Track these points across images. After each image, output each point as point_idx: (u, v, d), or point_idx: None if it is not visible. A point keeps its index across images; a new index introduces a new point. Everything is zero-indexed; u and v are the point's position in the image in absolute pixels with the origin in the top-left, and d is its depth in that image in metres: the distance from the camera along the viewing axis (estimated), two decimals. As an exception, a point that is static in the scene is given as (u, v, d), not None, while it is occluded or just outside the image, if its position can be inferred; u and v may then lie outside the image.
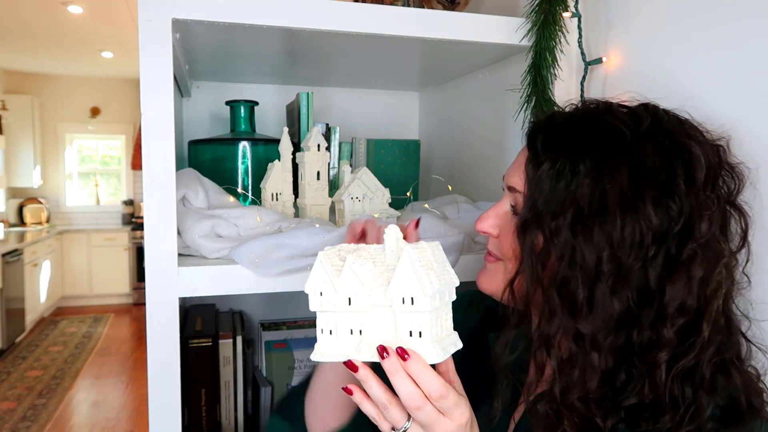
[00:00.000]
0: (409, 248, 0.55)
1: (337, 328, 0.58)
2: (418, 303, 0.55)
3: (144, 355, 1.12)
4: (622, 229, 0.58)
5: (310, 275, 0.59)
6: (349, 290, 0.57)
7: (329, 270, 0.58)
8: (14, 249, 4.88)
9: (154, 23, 0.78)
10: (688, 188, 0.59)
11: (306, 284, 0.59)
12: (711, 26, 0.76)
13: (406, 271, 0.55)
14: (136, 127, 6.89)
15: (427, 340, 0.55)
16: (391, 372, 0.55)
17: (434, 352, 0.55)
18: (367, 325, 0.58)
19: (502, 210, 0.72)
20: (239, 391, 1.20)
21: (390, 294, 0.56)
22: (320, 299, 0.58)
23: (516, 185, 0.69)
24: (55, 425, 3.49)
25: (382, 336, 0.57)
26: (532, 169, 0.64)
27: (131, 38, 4.85)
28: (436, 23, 0.92)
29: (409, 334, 0.56)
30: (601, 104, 0.68)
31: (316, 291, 0.59)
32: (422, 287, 0.54)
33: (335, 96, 1.51)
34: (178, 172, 0.90)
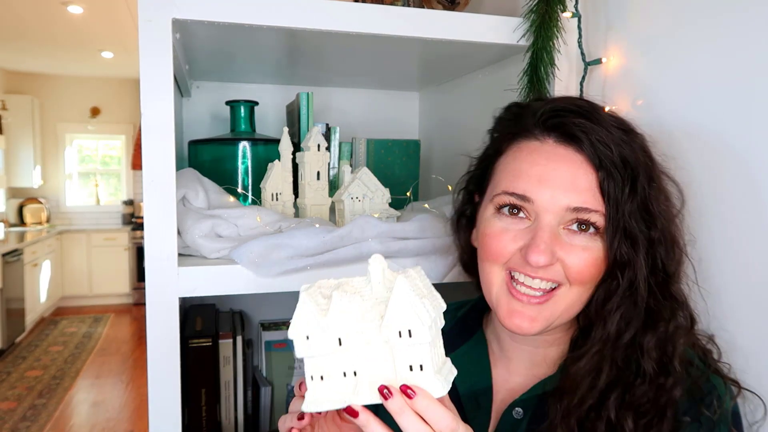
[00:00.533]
0: (401, 278, 0.52)
1: (329, 372, 0.54)
2: (417, 335, 0.51)
3: (144, 355, 1.12)
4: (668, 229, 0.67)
5: (293, 319, 0.54)
6: (338, 330, 0.53)
7: (314, 310, 0.54)
8: (14, 249, 4.88)
9: (154, 23, 0.78)
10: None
11: (289, 330, 0.55)
12: (711, 27, 0.76)
13: (401, 302, 0.51)
14: (136, 127, 6.89)
15: (429, 373, 0.52)
16: (396, 412, 0.52)
17: (439, 384, 0.52)
18: (361, 365, 0.53)
19: (552, 235, 0.66)
20: (239, 391, 1.20)
21: (385, 329, 0.52)
22: (307, 343, 0.54)
23: (586, 205, 0.65)
24: (55, 425, 3.49)
25: (379, 374, 0.53)
26: (612, 187, 0.64)
27: (131, 38, 4.85)
28: (436, 23, 0.92)
29: (410, 368, 0.52)
30: (589, 101, 0.71)
31: (302, 335, 0.54)
32: (420, 318, 0.51)
33: (335, 96, 1.50)
34: (178, 172, 0.90)
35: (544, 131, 0.68)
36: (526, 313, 0.66)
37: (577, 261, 0.65)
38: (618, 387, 0.63)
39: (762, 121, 0.69)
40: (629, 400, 0.62)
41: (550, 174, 0.65)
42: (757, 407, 0.68)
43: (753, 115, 0.70)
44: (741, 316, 0.72)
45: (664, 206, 0.67)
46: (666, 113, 0.83)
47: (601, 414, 0.63)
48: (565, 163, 0.65)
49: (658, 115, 0.85)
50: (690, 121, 0.79)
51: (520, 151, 0.69)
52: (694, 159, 0.78)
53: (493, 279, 0.69)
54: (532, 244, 0.64)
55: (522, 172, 0.67)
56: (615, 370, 0.64)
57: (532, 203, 0.66)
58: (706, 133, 0.77)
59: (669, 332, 0.64)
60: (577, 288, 0.66)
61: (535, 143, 0.68)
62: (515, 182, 0.67)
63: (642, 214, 0.65)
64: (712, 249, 0.76)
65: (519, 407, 0.72)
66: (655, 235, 0.65)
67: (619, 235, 0.64)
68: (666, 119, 0.83)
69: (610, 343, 0.65)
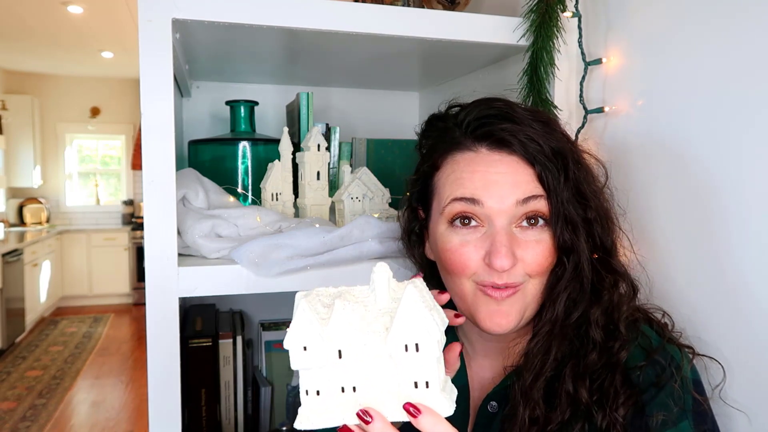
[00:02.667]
0: (411, 288, 0.49)
1: (326, 386, 0.51)
2: (425, 349, 0.48)
3: (144, 355, 1.12)
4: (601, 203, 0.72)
5: (290, 328, 0.51)
6: (339, 341, 0.50)
7: (314, 319, 0.50)
8: (14, 249, 4.89)
9: (154, 23, 0.78)
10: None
11: (286, 339, 0.51)
12: (712, 27, 0.76)
13: (410, 313, 0.48)
14: (136, 127, 6.89)
15: (435, 390, 0.49)
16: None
17: (446, 403, 0.50)
18: (362, 380, 0.50)
19: (509, 236, 0.68)
20: (239, 391, 1.20)
21: (392, 341, 0.49)
22: (304, 354, 0.50)
23: (534, 192, 0.68)
24: (55, 425, 3.49)
25: (381, 391, 0.50)
26: (550, 179, 0.67)
27: (131, 38, 4.85)
28: (436, 23, 0.92)
29: (415, 385, 0.49)
30: (503, 99, 0.75)
31: (299, 345, 0.50)
32: (429, 331, 0.48)
33: (335, 96, 1.51)
34: (178, 172, 0.90)
35: (475, 141, 0.71)
36: (503, 309, 0.69)
37: (533, 255, 0.68)
38: (572, 358, 0.67)
39: (762, 121, 0.69)
40: (582, 369, 0.66)
41: (492, 177, 0.68)
42: (717, 370, 0.72)
43: (753, 114, 0.70)
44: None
45: (593, 185, 0.72)
46: (666, 113, 0.83)
47: (559, 387, 0.66)
48: (503, 166, 0.69)
49: (658, 114, 0.85)
50: (689, 120, 0.79)
51: (457, 163, 0.72)
52: (695, 159, 0.78)
53: (465, 289, 0.71)
54: (494, 250, 0.66)
55: (465, 179, 0.70)
56: (567, 344, 0.68)
57: (482, 206, 0.68)
58: (706, 133, 0.77)
59: (613, 301, 0.68)
60: (538, 279, 0.70)
61: (470, 154, 0.71)
62: (461, 188, 0.69)
63: (577, 198, 0.69)
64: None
65: (493, 401, 0.74)
66: (591, 215, 0.69)
67: (561, 223, 0.68)
68: (666, 119, 0.83)
69: (559, 323, 0.69)
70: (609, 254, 0.71)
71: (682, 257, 0.81)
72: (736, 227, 0.73)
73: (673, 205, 0.82)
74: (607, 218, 0.72)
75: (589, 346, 0.67)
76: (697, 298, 0.78)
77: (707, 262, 0.77)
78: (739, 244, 0.72)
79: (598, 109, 0.94)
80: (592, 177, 0.73)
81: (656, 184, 0.85)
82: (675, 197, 0.82)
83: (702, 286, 0.78)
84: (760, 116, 0.69)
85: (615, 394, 0.64)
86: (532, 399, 0.66)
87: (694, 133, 0.79)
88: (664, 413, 0.62)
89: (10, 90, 6.27)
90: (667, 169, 0.83)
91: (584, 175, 0.71)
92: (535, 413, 0.66)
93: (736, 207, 0.73)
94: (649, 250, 0.85)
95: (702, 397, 0.64)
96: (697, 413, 0.63)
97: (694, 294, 0.79)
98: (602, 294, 0.68)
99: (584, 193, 0.69)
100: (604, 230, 0.70)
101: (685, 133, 0.80)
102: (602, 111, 0.93)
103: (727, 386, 0.72)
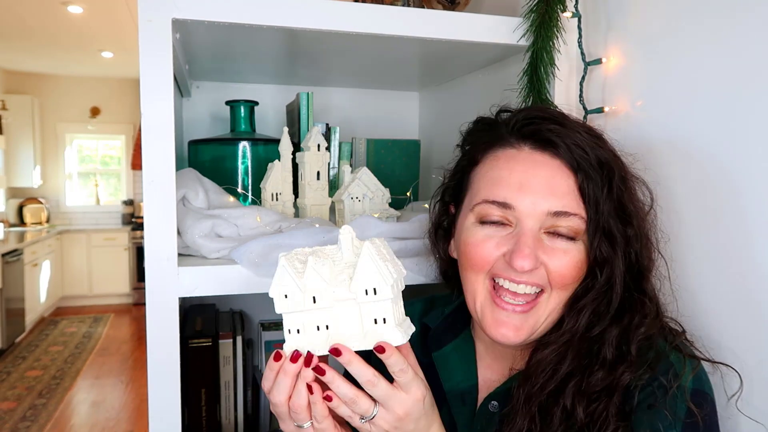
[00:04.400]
0: (368, 243, 0.60)
1: (304, 326, 0.62)
2: (381, 292, 0.60)
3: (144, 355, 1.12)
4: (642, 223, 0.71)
5: (273, 280, 0.62)
6: (313, 289, 0.61)
7: (292, 273, 0.61)
8: (14, 249, 4.88)
9: (154, 23, 0.78)
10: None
11: (270, 289, 0.63)
12: (712, 27, 0.76)
13: (367, 264, 0.59)
14: (136, 127, 6.89)
15: (391, 325, 0.61)
16: (346, 363, 0.61)
17: (399, 334, 0.61)
18: (332, 320, 0.62)
19: (535, 239, 0.67)
20: (239, 391, 1.20)
21: (354, 287, 0.60)
22: (285, 301, 0.62)
23: (566, 209, 0.66)
24: (55, 425, 3.49)
25: (348, 327, 0.61)
26: (592, 188, 0.66)
27: (131, 38, 4.85)
28: (436, 23, 0.92)
29: (374, 321, 0.61)
30: (558, 110, 0.74)
31: (281, 294, 0.62)
32: (383, 278, 0.59)
33: (335, 96, 1.50)
34: (178, 172, 0.90)
35: (520, 139, 0.70)
36: (512, 322, 0.68)
37: (558, 264, 0.66)
38: (577, 375, 0.66)
39: (762, 121, 0.69)
40: (585, 387, 0.64)
41: (529, 180, 0.67)
42: (733, 380, 0.70)
43: (753, 115, 0.70)
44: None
45: (638, 204, 0.70)
46: (666, 113, 0.83)
47: (559, 401, 0.65)
48: (543, 169, 0.67)
49: (658, 114, 0.85)
50: (689, 120, 0.79)
51: (497, 159, 0.70)
52: (694, 159, 0.78)
53: (478, 289, 0.70)
54: (517, 249, 0.65)
55: (501, 180, 0.68)
56: (577, 359, 0.66)
57: (513, 210, 0.67)
58: (705, 133, 0.77)
59: (633, 323, 0.66)
60: (559, 292, 0.68)
61: (512, 151, 0.70)
62: (495, 190, 0.68)
63: (619, 213, 0.67)
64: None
65: (494, 400, 0.74)
66: (631, 232, 0.67)
67: (599, 235, 0.66)
68: (665, 119, 0.83)
69: (578, 336, 0.67)
70: (642, 275, 0.69)
71: (688, 259, 0.80)
72: (747, 227, 0.72)
73: (672, 204, 0.82)
74: (647, 239, 0.70)
75: (596, 364, 0.65)
76: (713, 304, 0.76)
77: (720, 267, 0.75)
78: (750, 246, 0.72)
79: (598, 109, 0.94)
80: (636, 196, 0.71)
81: (655, 183, 0.85)
82: (675, 197, 0.82)
83: (716, 291, 0.75)
84: (761, 116, 0.69)
85: (605, 421, 0.63)
86: (530, 409, 0.65)
87: (693, 133, 0.79)
88: (650, 430, 0.61)
89: (10, 90, 6.27)
90: (667, 169, 0.83)
91: (629, 192, 0.69)
92: (531, 425, 0.65)
93: (742, 207, 0.73)
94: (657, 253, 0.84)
95: (699, 409, 0.61)
96: (687, 424, 0.61)
97: (709, 300, 0.76)
98: (625, 314, 0.67)
99: (627, 209, 0.68)
100: (642, 250, 0.68)
101: (685, 133, 0.80)
102: (602, 111, 0.93)
103: (745, 396, 0.69)
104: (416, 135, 1.59)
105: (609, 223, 0.66)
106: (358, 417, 0.62)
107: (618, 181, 0.67)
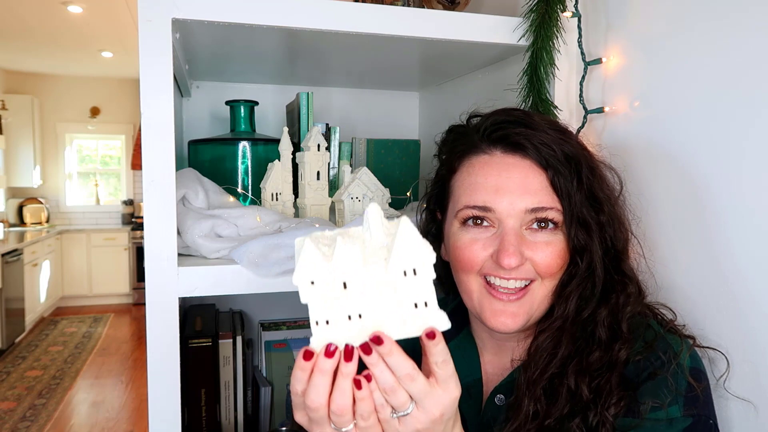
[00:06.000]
0: (405, 218, 0.54)
1: (333, 316, 0.54)
2: (423, 272, 0.54)
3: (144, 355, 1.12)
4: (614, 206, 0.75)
5: (297, 265, 0.54)
6: (343, 273, 0.54)
7: (319, 255, 0.54)
8: (14, 249, 4.88)
9: (154, 23, 0.78)
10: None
11: (294, 275, 0.54)
12: (712, 27, 0.76)
13: (408, 241, 0.53)
14: (136, 127, 6.89)
15: (434, 307, 0.54)
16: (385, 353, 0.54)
17: (444, 317, 0.55)
18: (366, 307, 0.54)
19: (518, 237, 0.70)
20: (239, 391, 1.20)
21: (392, 267, 0.54)
22: (312, 288, 0.54)
23: (542, 204, 0.70)
24: (55, 425, 3.49)
25: (383, 314, 0.54)
26: (562, 182, 0.70)
27: (131, 38, 4.85)
28: (436, 23, 0.92)
29: (414, 305, 0.54)
30: (523, 110, 0.78)
31: (307, 280, 0.54)
32: (425, 256, 0.54)
33: (335, 96, 1.51)
34: (178, 172, 0.90)
35: (491, 144, 0.74)
36: (508, 310, 0.72)
37: (543, 256, 0.70)
38: (576, 356, 0.69)
39: (762, 121, 0.69)
40: (585, 366, 0.68)
41: (504, 182, 0.71)
42: (720, 362, 0.74)
43: (753, 115, 0.70)
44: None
45: (607, 191, 0.74)
46: (665, 113, 0.83)
47: (563, 381, 0.68)
48: (516, 170, 0.71)
49: (658, 114, 0.85)
50: (689, 120, 0.79)
51: (473, 166, 0.75)
52: (693, 159, 0.78)
53: (472, 287, 0.74)
54: (502, 249, 0.69)
55: (479, 185, 0.72)
56: (573, 342, 0.70)
57: (493, 212, 0.71)
58: (705, 133, 0.77)
59: (620, 303, 0.71)
60: (548, 281, 0.72)
61: (485, 157, 0.74)
62: (474, 195, 0.72)
63: (590, 201, 0.71)
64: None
65: (500, 393, 0.77)
66: (603, 218, 0.72)
67: (574, 224, 0.70)
68: (665, 119, 0.83)
69: (570, 320, 0.71)
70: (620, 257, 0.73)
71: (681, 255, 0.81)
72: (735, 226, 0.73)
73: (672, 204, 0.82)
74: (620, 223, 0.74)
75: (593, 345, 0.69)
76: (697, 294, 0.79)
77: (706, 259, 0.77)
78: (737, 243, 0.73)
79: (598, 109, 0.94)
80: (606, 183, 0.75)
81: (655, 183, 0.85)
82: (674, 197, 0.82)
83: (702, 282, 0.78)
84: (760, 117, 0.69)
85: (609, 393, 0.66)
86: (535, 393, 0.68)
87: (693, 133, 0.79)
88: (654, 400, 0.64)
89: (10, 90, 6.27)
90: (666, 168, 0.83)
91: (598, 181, 0.73)
92: (537, 407, 0.68)
93: (734, 206, 0.73)
94: (649, 249, 0.85)
95: (698, 383, 0.65)
96: (688, 398, 0.64)
97: (694, 290, 0.80)
98: (610, 295, 0.71)
99: (598, 197, 0.72)
100: (616, 234, 0.73)
101: (684, 132, 0.80)
102: (602, 111, 0.93)
103: (731, 377, 0.73)
104: (416, 135, 1.59)
105: (582, 212, 0.70)
106: (390, 410, 0.55)
107: (587, 171, 0.71)
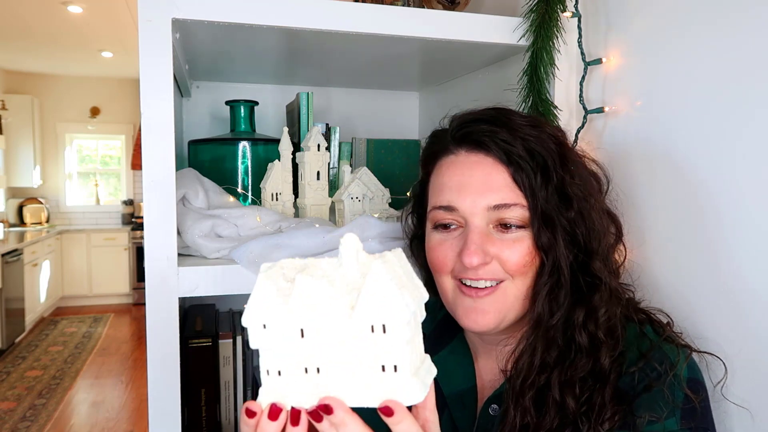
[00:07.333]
0: (378, 264, 0.45)
1: (287, 367, 0.46)
2: (394, 330, 0.44)
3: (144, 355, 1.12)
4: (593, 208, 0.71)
5: (248, 303, 0.46)
6: (301, 319, 0.45)
7: (274, 294, 0.46)
8: (14, 249, 4.88)
9: (154, 23, 0.78)
10: None
11: (244, 315, 0.47)
12: (712, 27, 0.76)
13: (375, 292, 0.44)
14: (136, 127, 6.89)
15: (405, 375, 0.44)
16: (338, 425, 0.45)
17: (416, 388, 0.44)
18: (326, 361, 0.45)
19: (482, 235, 0.69)
20: (239, 391, 1.20)
21: (357, 321, 0.44)
22: (264, 333, 0.46)
23: (504, 201, 0.69)
24: (55, 425, 3.49)
25: (346, 373, 0.45)
26: (524, 178, 0.69)
27: (131, 38, 4.85)
28: (436, 23, 0.92)
29: (382, 368, 0.44)
30: (499, 107, 0.76)
31: (258, 323, 0.46)
32: (397, 311, 0.43)
33: (335, 96, 1.51)
34: (178, 172, 0.90)
35: (456, 144, 0.74)
36: (479, 307, 0.70)
37: (510, 254, 0.69)
38: (558, 365, 0.67)
39: (762, 122, 0.69)
40: (570, 375, 0.66)
41: (467, 181, 0.71)
42: (718, 368, 0.72)
43: (752, 115, 0.70)
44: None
45: (581, 188, 0.71)
46: (665, 113, 0.83)
47: (548, 393, 0.66)
48: (478, 168, 0.71)
49: (658, 114, 0.85)
50: (689, 120, 0.79)
51: (441, 167, 0.75)
52: (693, 159, 0.79)
53: (446, 287, 0.74)
54: (464, 248, 0.69)
55: (444, 186, 0.73)
56: (553, 348, 0.68)
57: (457, 211, 0.71)
58: (705, 133, 0.77)
59: (595, 306, 0.68)
60: (520, 279, 0.70)
61: (452, 157, 0.74)
62: (440, 196, 0.73)
63: (559, 198, 0.69)
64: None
65: (494, 404, 0.76)
66: (571, 215, 0.69)
67: (538, 221, 0.68)
68: (665, 119, 0.83)
69: (544, 322, 0.68)
70: (591, 257, 0.69)
71: (681, 257, 0.81)
72: (734, 226, 0.73)
73: (672, 204, 0.82)
74: (593, 221, 0.70)
75: (574, 352, 0.67)
76: (695, 297, 0.78)
77: (706, 259, 0.77)
78: (737, 243, 0.72)
79: (598, 109, 0.94)
80: (581, 179, 0.72)
81: (655, 183, 0.85)
82: (674, 197, 0.82)
83: (700, 285, 0.78)
84: (760, 117, 0.69)
85: (602, 407, 0.63)
86: (522, 404, 0.66)
87: (692, 133, 0.79)
88: (650, 413, 0.62)
89: (10, 90, 6.27)
90: (666, 168, 0.83)
91: (570, 176, 0.70)
92: (526, 419, 0.66)
93: (733, 207, 0.73)
94: (648, 250, 0.85)
95: (696, 395, 0.63)
96: (686, 410, 0.63)
97: (693, 293, 0.79)
98: (584, 297, 0.68)
99: (568, 194, 0.69)
100: (590, 233, 0.69)
101: (684, 132, 0.80)
102: (602, 111, 0.93)
103: (729, 383, 0.72)
104: (416, 135, 1.59)
105: (547, 209, 0.68)
106: None
107: (554, 167, 0.69)
